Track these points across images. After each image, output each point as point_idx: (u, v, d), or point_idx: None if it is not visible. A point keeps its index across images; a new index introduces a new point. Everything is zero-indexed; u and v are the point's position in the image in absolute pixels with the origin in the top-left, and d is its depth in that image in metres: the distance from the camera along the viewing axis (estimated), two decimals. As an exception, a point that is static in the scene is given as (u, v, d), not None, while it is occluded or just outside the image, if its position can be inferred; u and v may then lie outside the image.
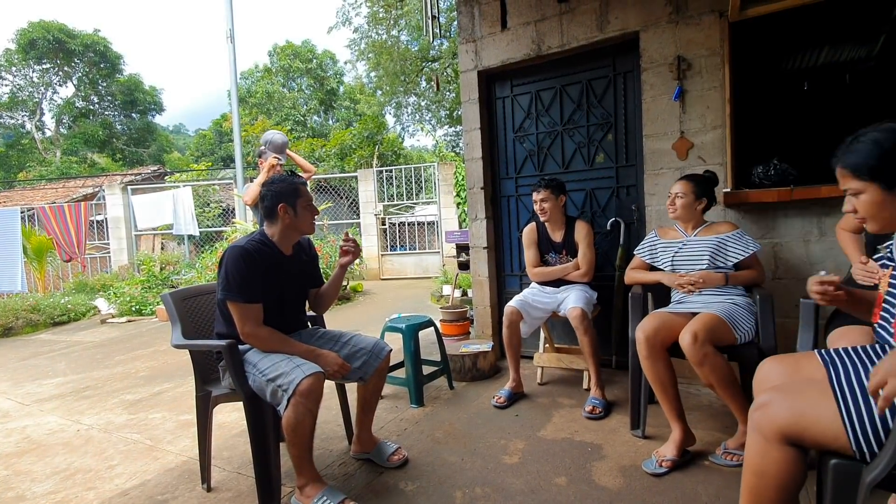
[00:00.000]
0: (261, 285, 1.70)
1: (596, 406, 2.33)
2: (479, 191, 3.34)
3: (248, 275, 1.67)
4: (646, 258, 2.30)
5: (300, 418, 1.55)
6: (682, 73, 2.58)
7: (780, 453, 1.06)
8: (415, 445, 2.13)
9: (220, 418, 2.51)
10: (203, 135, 22.86)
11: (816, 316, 1.72)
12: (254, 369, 1.67)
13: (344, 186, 10.83)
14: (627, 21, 2.72)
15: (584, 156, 3.06)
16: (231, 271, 1.66)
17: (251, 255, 1.69)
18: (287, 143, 3.65)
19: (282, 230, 1.80)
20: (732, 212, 2.53)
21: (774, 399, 1.10)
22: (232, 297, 1.66)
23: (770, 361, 1.35)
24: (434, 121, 16.66)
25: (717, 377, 1.74)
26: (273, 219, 1.79)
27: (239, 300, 1.66)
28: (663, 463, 1.79)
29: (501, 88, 3.33)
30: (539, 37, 3.01)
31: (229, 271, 1.66)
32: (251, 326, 1.68)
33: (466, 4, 3.30)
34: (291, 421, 1.55)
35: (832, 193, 2.16)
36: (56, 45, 19.91)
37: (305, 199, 1.81)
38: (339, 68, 22.13)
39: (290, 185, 1.79)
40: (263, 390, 1.62)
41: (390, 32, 13.13)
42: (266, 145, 3.65)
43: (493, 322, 3.37)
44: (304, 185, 1.86)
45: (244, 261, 1.67)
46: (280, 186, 1.78)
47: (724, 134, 2.50)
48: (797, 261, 2.42)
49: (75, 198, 11.19)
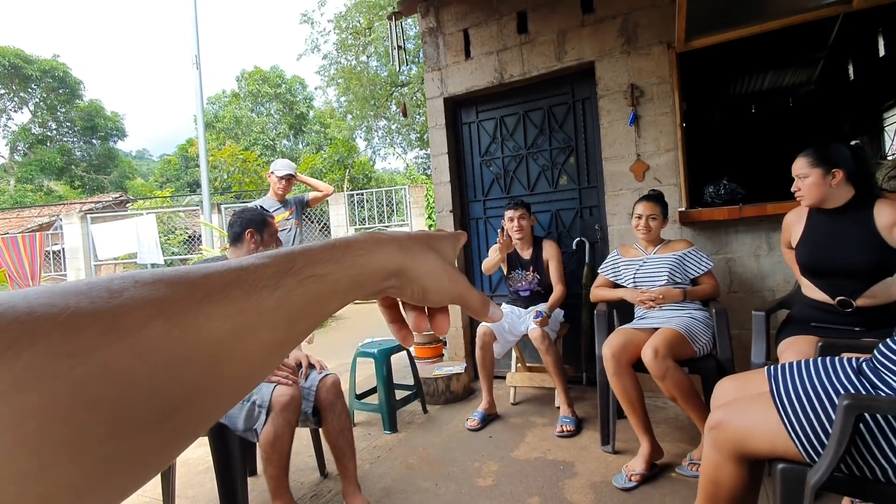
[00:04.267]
0: None
1: (566, 424, 2.37)
2: (448, 214, 3.40)
3: None
4: (609, 276, 2.38)
5: (279, 431, 1.55)
6: (635, 99, 2.73)
7: (734, 469, 1.13)
8: (388, 473, 2.10)
9: (184, 455, 2.42)
10: (168, 160, 22.39)
11: (767, 327, 1.82)
12: None
13: (315, 210, 10.75)
14: (583, 51, 2.87)
15: (548, 178, 3.16)
16: None
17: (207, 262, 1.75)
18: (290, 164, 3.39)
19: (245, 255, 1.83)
20: (688, 229, 2.65)
21: (726, 417, 1.16)
22: None
23: (726, 381, 1.42)
24: (405, 144, 16.84)
25: (678, 390, 1.81)
26: (239, 243, 1.87)
27: None
28: (633, 477, 1.83)
29: (467, 114, 3.43)
30: (501, 66, 3.14)
31: None
32: None
33: (431, 35, 3.41)
34: (270, 436, 1.55)
35: (777, 211, 2.31)
36: (12, 70, 19.29)
37: (271, 230, 1.91)
38: (308, 93, 22.20)
39: (260, 215, 1.92)
40: (236, 417, 1.59)
41: (359, 59, 13.33)
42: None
43: (466, 343, 3.38)
44: (273, 219, 1.96)
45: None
46: (251, 214, 1.91)
47: (676, 156, 2.65)
48: (749, 275, 2.55)
49: (30, 227, 10.70)
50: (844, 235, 1.62)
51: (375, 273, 0.30)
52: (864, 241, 1.57)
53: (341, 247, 0.28)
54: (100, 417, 0.16)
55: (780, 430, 1.09)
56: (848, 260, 1.59)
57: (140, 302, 0.18)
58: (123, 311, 0.17)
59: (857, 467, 1.02)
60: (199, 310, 0.20)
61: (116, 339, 0.17)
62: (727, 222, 2.55)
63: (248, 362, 0.22)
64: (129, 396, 0.17)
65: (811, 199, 1.67)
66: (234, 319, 0.21)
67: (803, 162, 1.67)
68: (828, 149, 1.65)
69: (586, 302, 2.90)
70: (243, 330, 0.21)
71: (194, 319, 0.19)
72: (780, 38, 3.67)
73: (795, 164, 1.70)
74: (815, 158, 1.64)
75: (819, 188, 1.63)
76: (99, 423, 0.16)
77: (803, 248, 1.74)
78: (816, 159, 1.64)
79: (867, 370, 1.13)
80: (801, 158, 1.68)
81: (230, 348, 0.21)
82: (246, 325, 0.22)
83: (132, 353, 0.17)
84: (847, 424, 0.96)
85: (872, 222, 1.56)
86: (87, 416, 0.15)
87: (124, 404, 0.16)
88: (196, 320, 0.20)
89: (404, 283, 0.32)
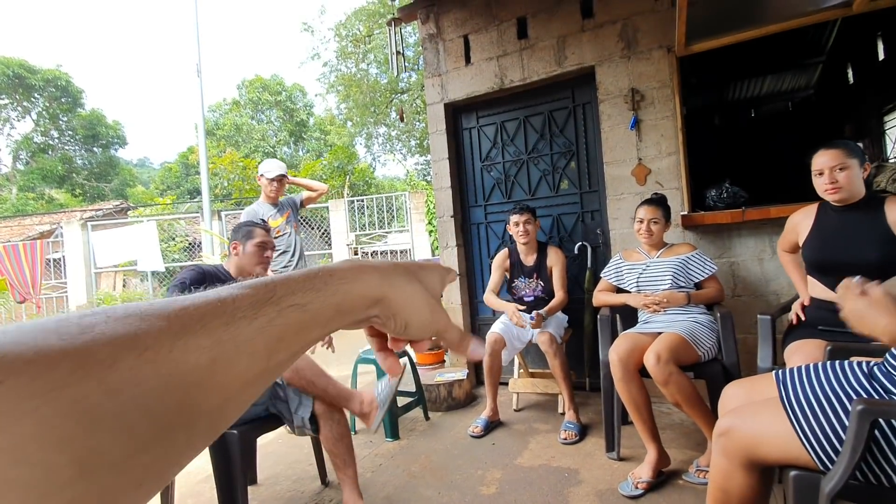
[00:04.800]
0: None
1: (570, 430, 2.34)
2: (449, 219, 3.38)
3: (191, 277, 1.79)
4: (612, 280, 2.36)
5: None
6: (636, 104, 2.72)
7: (744, 476, 1.10)
8: (390, 481, 2.07)
9: (185, 464, 2.39)
10: (168, 168, 22.42)
11: (774, 331, 1.80)
12: None
13: (315, 217, 10.75)
14: (584, 56, 2.87)
15: (549, 183, 3.15)
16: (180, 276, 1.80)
17: (202, 268, 1.88)
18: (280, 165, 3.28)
19: (235, 265, 1.97)
20: (691, 233, 2.64)
21: (734, 424, 1.14)
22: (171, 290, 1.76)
23: (733, 386, 1.39)
24: (405, 150, 16.89)
25: (682, 396, 1.78)
26: (230, 254, 1.99)
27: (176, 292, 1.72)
28: (639, 485, 1.80)
29: (467, 119, 3.43)
30: (501, 71, 3.14)
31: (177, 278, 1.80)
32: None
33: (431, 41, 3.42)
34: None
35: (781, 213, 2.29)
36: (15, 80, 19.40)
37: (256, 241, 1.96)
38: (308, 101, 22.29)
39: (248, 227, 1.99)
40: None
41: (359, 66, 13.40)
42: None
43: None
44: (264, 230, 2.01)
45: (193, 270, 1.85)
46: (240, 226, 2.01)
47: (678, 160, 2.64)
48: (753, 278, 2.53)
49: (31, 236, 10.70)
50: (855, 231, 1.61)
51: (358, 301, 0.30)
52: (874, 237, 1.56)
53: (323, 276, 0.28)
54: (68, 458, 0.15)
55: (791, 436, 1.06)
56: (858, 255, 1.58)
57: (111, 337, 0.18)
58: (94, 347, 0.17)
59: (872, 475, 0.99)
60: (175, 343, 0.19)
61: (85, 377, 0.16)
62: (730, 226, 2.54)
63: (224, 394, 0.21)
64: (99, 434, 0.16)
65: (850, 191, 1.59)
66: (211, 351, 0.20)
67: (839, 153, 1.59)
68: (852, 143, 1.61)
69: (589, 306, 2.88)
70: (220, 361, 0.21)
71: (169, 353, 0.19)
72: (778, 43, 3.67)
73: (825, 157, 1.61)
74: (850, 150, 1.59)
75: (859, 179, 1.58)
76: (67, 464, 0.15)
77: (811, 245, 1.72)
78: (851, 151, 1.58)
79: (879, 374, 1.10)
80: (835, 150, 1.60)
81: (206, 380, 0.20)
82: (223, 356, 0.21)
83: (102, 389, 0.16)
84: (862, 430, 0.94)
85: (883, 218, 1.56)
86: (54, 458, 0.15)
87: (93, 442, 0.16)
88: (171, 353, 0.19)
89: (387, 314, 0.32)
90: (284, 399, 1.75)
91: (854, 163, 1.59)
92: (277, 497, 2.04)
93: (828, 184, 1.62)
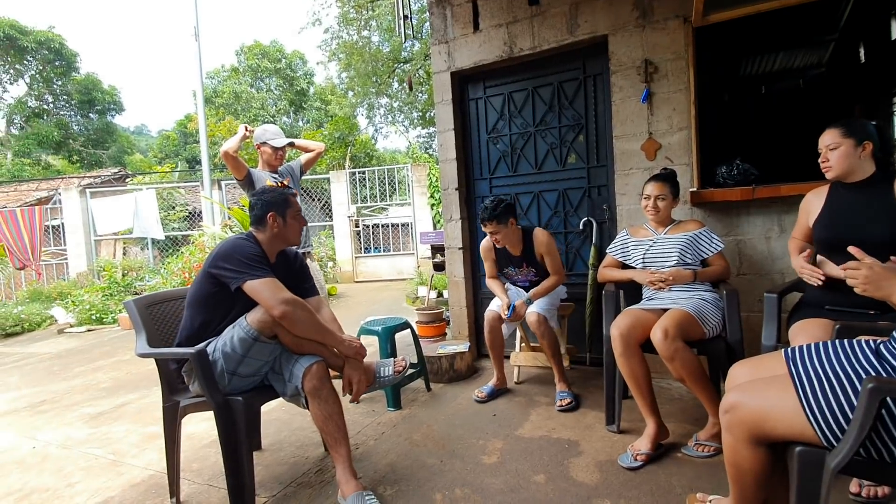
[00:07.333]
0: None
1: (564, 398, 2.41)
2: (453, 192, 3.34)
3: (257, 254, 1.70)
4: (618, 256, 2.34)
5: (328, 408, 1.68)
6: (649, 76, 2.65)
7: (750, 452, 1.12)
8: (393, 449, 2.11)
9: (189, 429, 2.42)
10: (166, 136, 22.10)
11: (779, 309, 1.79)
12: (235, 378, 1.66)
13: (316, 188, 10.65)
14: (597, 24, 2.77)
15: (556, 157, 3.10)
16: (240, 255, 1.66)
17: (249, 241, 1.75)
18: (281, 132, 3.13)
19: (269, 238, 1.82)
20: (699, 210, 2.61)
21: (740, 400, 1.14)
22: (255, 275, 1.63)
23: (739, 365, 1.39)
24: (407, 122, 16.62)
25: (687, 371, 1.80)
26: (262, 226, 1.81)
27: (263, 275, 1.64)
28: (638, 457, 1.83)
29: (474, 90, 3.34)
30: (511, 39, 3.04)
31: (238, 255, 1.66)
32: (287, 295, 1.63)
33: (439, 6, 3.30)
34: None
35: (791, 192, 2.26)
36: (7, 41, 18.87)
37: (294, 209, 1.85)
38: (308, 69, 21.79)
39: (280, 195, 1.84)
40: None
41: (361, 33, 13.03)
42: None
43: (470, 322, 3.37)
44: (294, 196, 1.89)
45: (248, 244, 1.72)
46: (271, 196, 1.82)
47: (689, 135, 2.58)
48: (760, 257, 2.52)
49: (28, 202, 10.61)
50: (866, 209, 1.61)
51: None
52: (883, 215, 1.56)
53: None
54: None
55: (796, 413, 1.07)
56: (869, 232, 1.56)
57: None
58: None
59: (875, 450, 1.00)
60: None
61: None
62: (739, 203, 2.50)
63: None
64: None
65: (839, 170, 1.65)
66: None
67: (834, 132, 1.65)
68: (858, 122, 1.65)
69: (593, 282, 2.87)
70: None
71: None
72: (792, 18, 3.56)
73: (824, 136, 1.68)
74: (847, 129, 1.64)
75: (848, 159, 1.63)
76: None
77: (822, 223, 1.71)
78: (848, 130, 1.63)
79: (886, 353, 1.10)
80: (832, 129, 1.66)
81: None
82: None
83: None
84: (871, 408, 0.94)
85: (892, 196, 1.54)
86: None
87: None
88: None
89: None
90: (279, 371, 1.74)
91: (848, 142, 1.62)
92: (281, 462, 2.08)
93: (821, 162, 1.70)
